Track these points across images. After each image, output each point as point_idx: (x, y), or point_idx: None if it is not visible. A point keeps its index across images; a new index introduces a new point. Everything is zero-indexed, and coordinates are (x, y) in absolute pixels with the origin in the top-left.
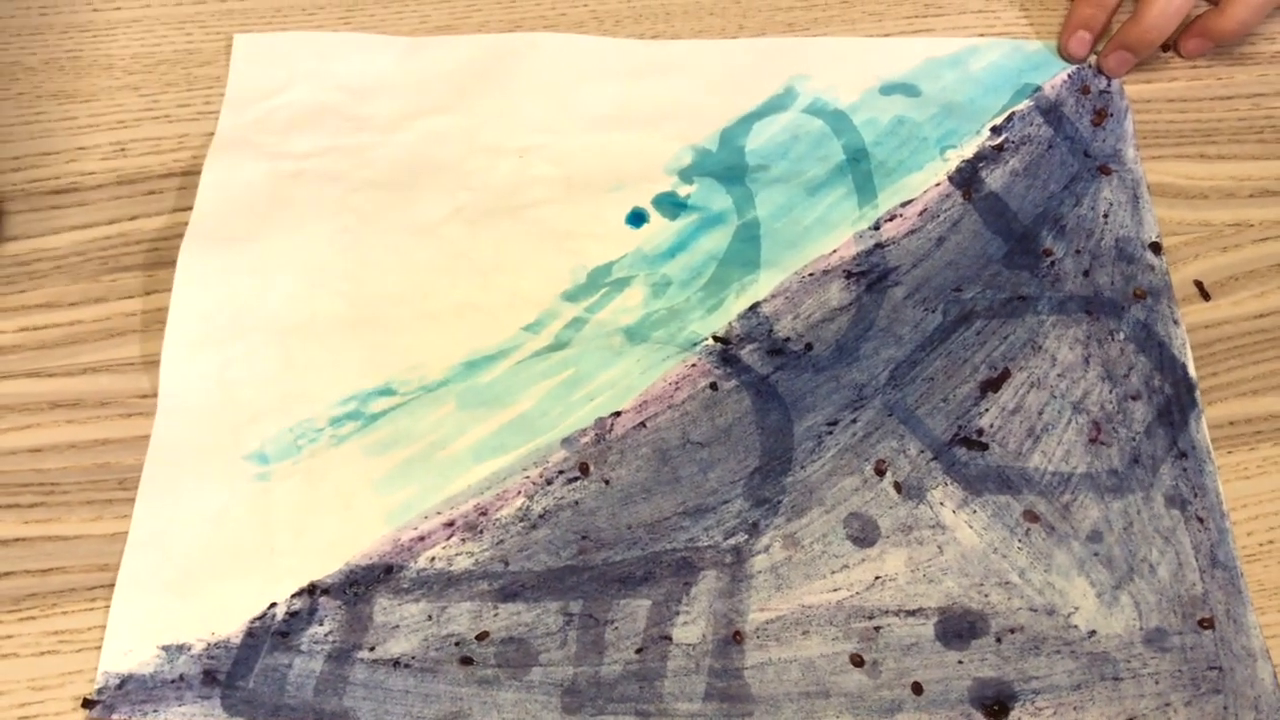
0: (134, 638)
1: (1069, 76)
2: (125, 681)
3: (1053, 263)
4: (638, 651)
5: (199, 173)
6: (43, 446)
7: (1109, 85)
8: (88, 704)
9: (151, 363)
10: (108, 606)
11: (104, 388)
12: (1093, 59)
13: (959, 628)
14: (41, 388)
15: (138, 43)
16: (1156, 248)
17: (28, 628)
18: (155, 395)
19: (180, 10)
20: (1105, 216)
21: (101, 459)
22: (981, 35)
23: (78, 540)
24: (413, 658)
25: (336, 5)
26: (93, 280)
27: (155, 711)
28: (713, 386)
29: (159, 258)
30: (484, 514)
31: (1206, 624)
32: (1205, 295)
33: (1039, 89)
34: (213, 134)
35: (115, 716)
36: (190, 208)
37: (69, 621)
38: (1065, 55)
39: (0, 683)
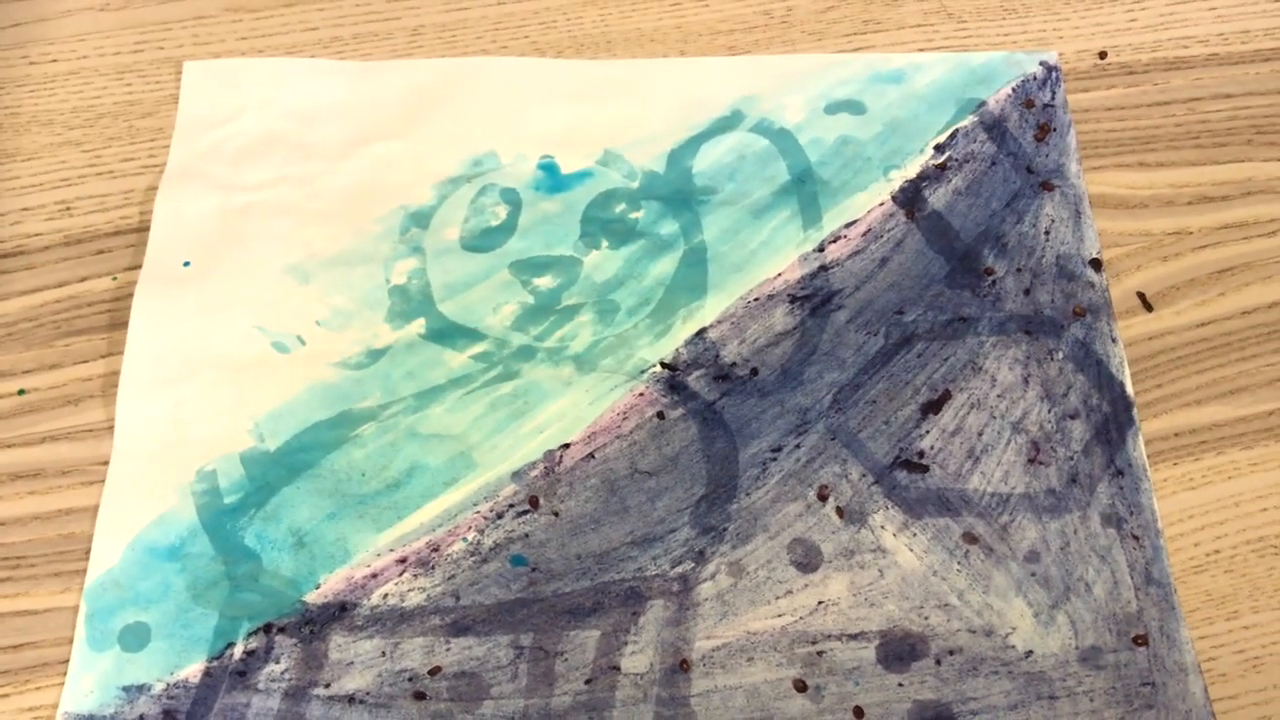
0: (94, 678)
1: (1013, 90)
2: None
3: (994, 282)
4: (587, 682)
5: (147, 229)
6: (6, 520)
7: (1053, 99)
8: None
9: (112, 428)
10: None
11: (64, 456)
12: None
13: (899, 650)
14: (1, 459)
15: (77, 96)
16: (1097, 264)
17: (1, 705)
18: None
19: (119, 60)
20: (1047, 233)
21: (66, 529)
22: (921, 50)
23: (47, 614)
24: (367, 693)
25: (277, 49)
26: (46, 346)
27: None
28: (660, 415)
29: (113, 320)
30: (436, 550)
31: (1141, 641)
32: (1148, 306)
33: (983, 103)
34: (157, 188)
35: None
36: (140, 266)
37: (42, 697)
38: None
39: None
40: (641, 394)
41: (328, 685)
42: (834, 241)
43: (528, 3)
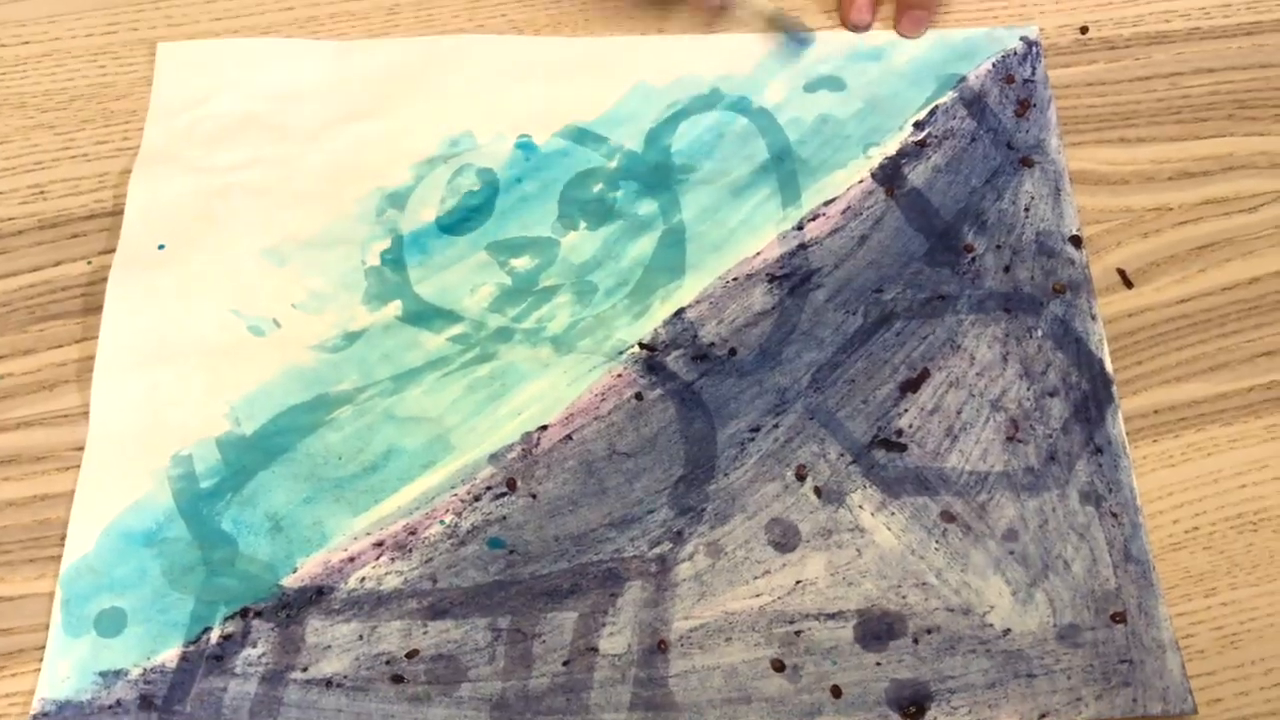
0: (71, 664)
1: (993, 66)
2: (62, 707)
3: (973, 259)
4: (565, 664)
5: (122, 213)
6: None
7: (1033, 74)
8: None
9: (88, 413)
10: None
11: (39, 442)
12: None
13: (877, 629)
14: None
15: (49, 78)
16: (1077, 241)
17: None
18: None
19: (91, 41)
20: (1026, 210)
21: (41, 515)
22: None
23: (23, 600)
24: (345, 677)
25: (252, 29)
26: (20, 331)
27: None
28: (638, 397)
29: (88, 304)
30: (413, 533)
31: (1119, 618)
32: (1128, 283)
33: (963, 79)
34: (131, 171)
35: None
36: (114, 250)
37: (18, 684)
38: (849, 26)
39: None
40: (619, 375)
41: (305, 669)
42: (813, 219)
43: None
